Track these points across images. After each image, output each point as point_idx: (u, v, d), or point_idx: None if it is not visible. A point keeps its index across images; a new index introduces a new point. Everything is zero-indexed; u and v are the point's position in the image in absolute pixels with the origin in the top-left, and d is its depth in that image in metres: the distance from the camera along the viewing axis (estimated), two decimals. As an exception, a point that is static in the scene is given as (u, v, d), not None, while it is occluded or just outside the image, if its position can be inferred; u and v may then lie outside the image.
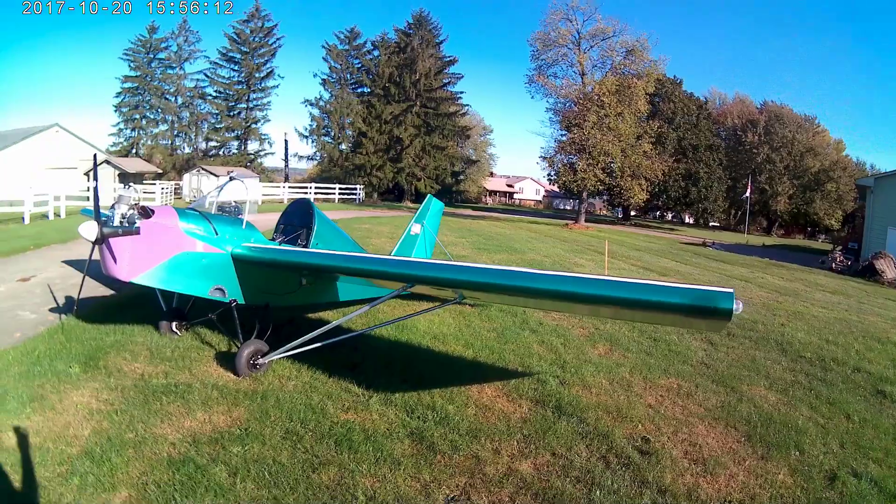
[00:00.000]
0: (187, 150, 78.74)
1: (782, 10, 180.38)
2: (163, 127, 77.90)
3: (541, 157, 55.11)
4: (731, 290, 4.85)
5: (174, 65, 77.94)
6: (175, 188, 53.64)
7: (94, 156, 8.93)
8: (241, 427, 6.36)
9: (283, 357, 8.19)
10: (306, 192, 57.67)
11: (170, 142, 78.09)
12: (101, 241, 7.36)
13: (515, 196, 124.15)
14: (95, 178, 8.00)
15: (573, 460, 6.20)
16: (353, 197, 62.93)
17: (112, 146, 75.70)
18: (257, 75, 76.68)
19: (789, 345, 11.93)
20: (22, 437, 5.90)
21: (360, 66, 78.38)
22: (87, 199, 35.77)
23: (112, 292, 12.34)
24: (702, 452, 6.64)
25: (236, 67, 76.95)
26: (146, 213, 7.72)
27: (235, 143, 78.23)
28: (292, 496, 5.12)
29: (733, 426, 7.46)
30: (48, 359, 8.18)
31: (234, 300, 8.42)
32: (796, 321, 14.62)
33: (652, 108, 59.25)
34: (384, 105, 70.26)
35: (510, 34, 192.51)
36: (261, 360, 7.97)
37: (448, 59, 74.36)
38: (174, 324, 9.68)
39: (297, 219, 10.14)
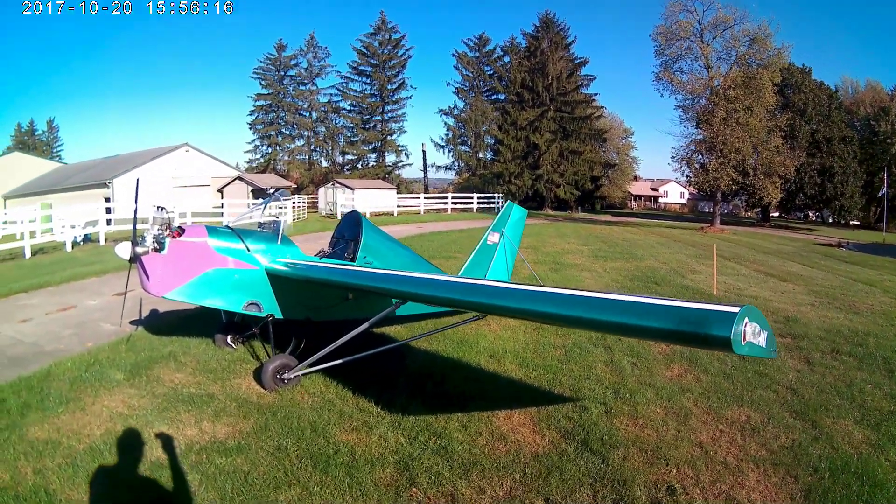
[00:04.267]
0: (325, 164, 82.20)
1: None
2: (299, 142, 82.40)
3: (671, 157, 54.59)
4: (735, 310, 3.79)
5: (306, 81, 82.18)
6: (311, 201, 55.72)
7: (137, 180, 9.53)
8: (237, 439, 6.68)
9: (319, 372, 8.50)
10: (444, 202, 59.04)
11: (307, 157, 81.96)
12: (135, 259, 8.01)
13: (661, 200, 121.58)
14: (136, 201, 8.58)
15: (566, 511, 5.40)
16: (493, 206, 62.57)
17: (249, 163, 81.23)
18: (389, 87, 78.90)
19: (902, 363, 9.93)
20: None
21: (491, 72, 79.78)
22: (221, 214, 37.89)
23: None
24: (737, 514, 5.53)
25: (368, 80, 79.83)
26: (178, 232, 8.26)
27: (373, 156, 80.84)
28: (241, 509, 5.32)
29: (794, 475, 6.10)
30: (100, 366, 9.10)
31: (271, 315, 8.78)
32: (920, 331, 12.42)
33: (783, 100, 57.36)
34: (519, 111, 70.59)
35: (643, 27, 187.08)
36: (288, 375, 8.27)
37: (579, 60, 74.14)
38: (229, 337, 10.26)
39: (346, 231, 10.30)
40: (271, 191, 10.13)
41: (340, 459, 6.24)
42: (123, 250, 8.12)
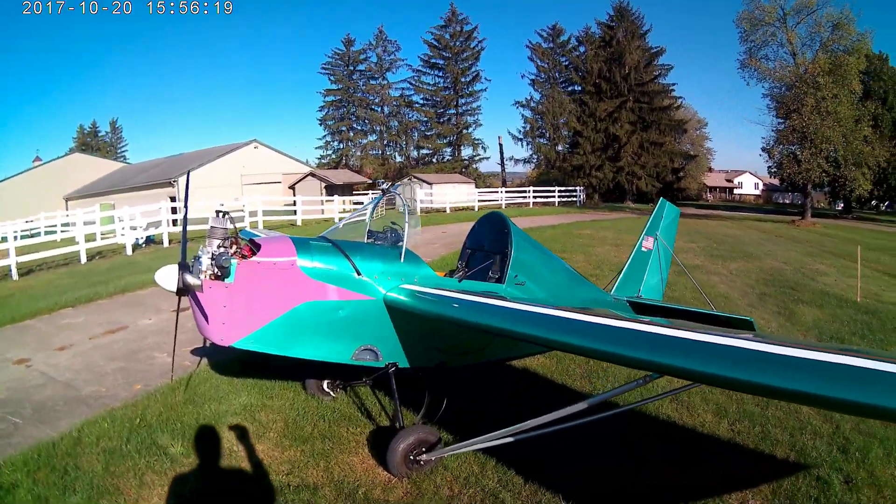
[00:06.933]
0: (399, 159, 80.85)
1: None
2: (372, 137, 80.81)
3: (762, 148, 52.98)
4: None
5: (376, 75, 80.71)
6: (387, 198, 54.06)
7: (188, 172, 6.84)
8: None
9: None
10: (525, 196, 57.19)
11: (380, 152, 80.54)
12: (185, 292, 5.27)
13: (735, 192, 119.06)
14: (185, 202, 5.82)
15: None
16: (574, 199, 61.46)
17: (320, 159, 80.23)
18: (463, 80, 77.15)
19: None
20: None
21: (567, 63, 77.21)
22: (294, 213, 36.05)
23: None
24: None
25: (441, 73, 78.35)
26: (249, 248, 5.64)
27: (448, 150, 79.15)
28: None
29: None
30: (149, 429, 6.61)
31: (393, 364, 6.15)
32: None
33: (864, 88, 54.96)
34: (597, 102, 69.06)
35: (712, 15, 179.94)
36: (425, 456, 5.58)
37: (655, 49, 71.79)
38: (325, 382, 7.55)
39: (487, 241, 7.81)
40: (384, 185, 7.19)
41: None
42: (167, 278, 5.27)
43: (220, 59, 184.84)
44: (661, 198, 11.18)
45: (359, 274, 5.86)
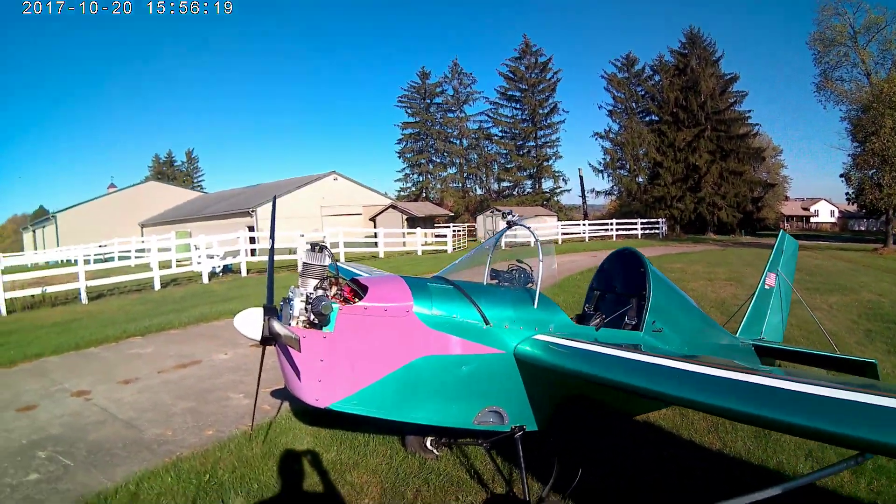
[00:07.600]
0: (479, 191, 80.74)
1: None
2: (451, 170, 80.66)
3: (840, 175, 50.71)
4: None
5: (454, 108, 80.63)
6: (469, 230, 54.43)
7: (274, 198, 5.89)
8: None
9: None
10: (607, 229, 56.51)
11: (460, 184, 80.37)
12: (272, 340, 4.28)
13: (811, 220, 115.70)
14: (272, 233, 4.99)
15: None
16: (656, 231, 60.42)
17: (399, 191, 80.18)
18: (541, 111, 76.58)
19: None
20: None
21: (643, 92, 75.86)
22: (375, 245, 35.32)
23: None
24: None
25: (518, 106, 77.95)
26: (351, 290, 4.68)
27: (529, 182, 78.47)
28: None
29: None
30: (220, 487, 5.52)
31: (520, 427, 5.15)
32: None
33: None
34: (675, 132, 67.90)
35: (784, 37, 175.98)
36: None
37: (729, 76, 70.29)
38: (429, 439, 6.37)
39: (619, 281, 6.88)
40: (511, 216, 6.06)
41: None
42: (249, 324, 4.36)
43: (223, 62, 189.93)
44: (782, 230, 10.61)
45: (487, 323, 4.84)
